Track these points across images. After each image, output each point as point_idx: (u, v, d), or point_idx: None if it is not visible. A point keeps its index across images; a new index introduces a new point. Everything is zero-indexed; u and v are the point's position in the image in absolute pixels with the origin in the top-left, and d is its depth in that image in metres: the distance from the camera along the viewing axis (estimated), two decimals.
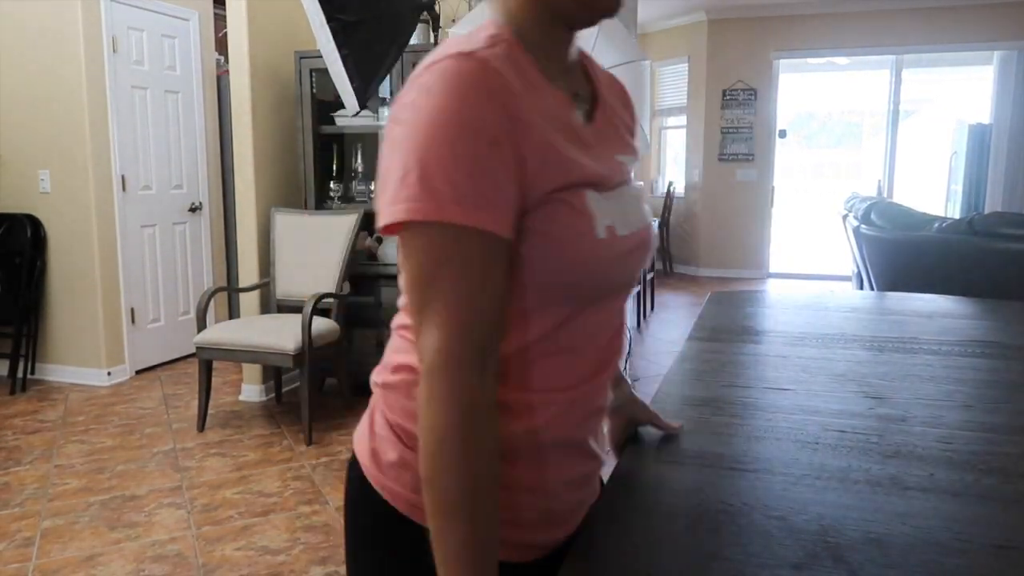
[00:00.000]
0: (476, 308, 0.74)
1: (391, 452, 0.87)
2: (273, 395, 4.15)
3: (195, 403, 4.02)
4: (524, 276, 0.79)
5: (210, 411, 3.85)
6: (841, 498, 0.95)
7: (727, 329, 1.91)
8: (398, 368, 0.87)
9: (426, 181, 0.71)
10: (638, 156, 0.96)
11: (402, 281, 0.79)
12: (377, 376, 0.92)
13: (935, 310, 2.13)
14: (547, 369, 0.84)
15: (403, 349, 0.86)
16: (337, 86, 2.91)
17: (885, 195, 7.83)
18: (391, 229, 0.74)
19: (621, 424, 1.14)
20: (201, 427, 3.67)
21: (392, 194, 0.73)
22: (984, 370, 1.53)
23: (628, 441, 1.14)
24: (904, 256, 4.18)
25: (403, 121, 0.75)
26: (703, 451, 1.12)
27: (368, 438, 0.91)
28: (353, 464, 0.92)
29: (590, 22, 0.85)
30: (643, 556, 0.83)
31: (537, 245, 0.78)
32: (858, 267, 5.02)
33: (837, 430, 1.19)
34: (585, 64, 0.94)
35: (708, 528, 0.89)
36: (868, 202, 4.77)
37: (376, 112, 3.97)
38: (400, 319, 0.88)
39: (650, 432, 1.17)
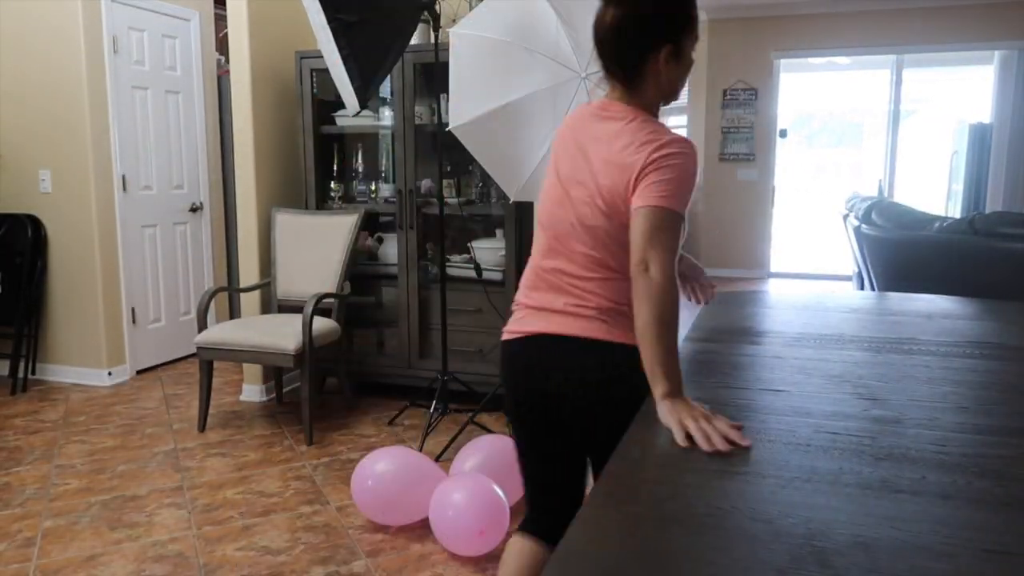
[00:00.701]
0: (675, 250, 1.39)
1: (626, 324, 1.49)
2: (274, 395, 4.15)
3: (196, 403, 4.02)
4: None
5: (211, 411, 3.85)
6: (830, 501, 0.94)
7: (725, 329, 1.90)
8: (614, 276, 1.52)
9: (684, 192, 1.41)
10: None
11: (591, 238, 1.50)
12: (594, 283, 1.53)
13: (934, 310, 2.12)
14: None
15: (615, 269, 1.51)
16: (338, 86, 2.91)
17: (886, 195, 7.83)
18: (658, 208, 1.39)
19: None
20: (202, 427, 3.67)
21: (667, 191, 1.39)
22: (981, 371, 1.52)
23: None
24: (905, 256, 4.18)
25: (674, 162, 1.41)
26: (692, 454, 1.11)
27: (605, 326, 1.52)
28: (605, 348, 1.51)
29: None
30: (626, 561, 0.82)
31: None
32: (859, 267, 5.02)
33: (830, 432, 1.18)
34: None
35: (694, 532, 0.87)
36: (869, 202, 4.76)
37: (376, 112, 3.97)
38: (607, 258, 1.51)
39: (643, 436, 1.15)
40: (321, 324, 3.60)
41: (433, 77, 3.68)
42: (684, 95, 8.52)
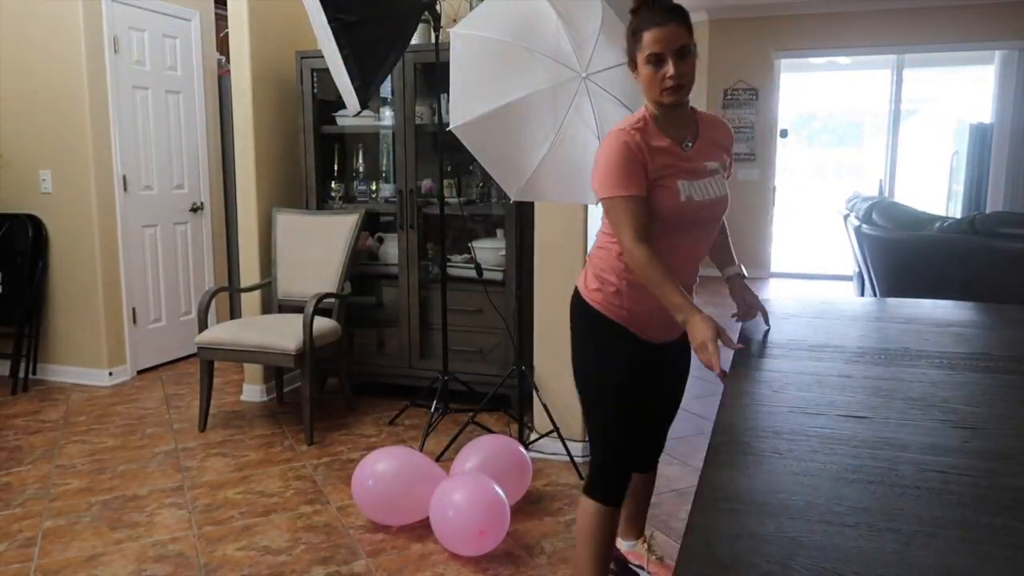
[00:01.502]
0: (636, 225, 1.75)
1: (595, 285, 1.94)
2: (274, 395, 4.15)
3: (196, 403, 4.01)
4: (652, 213, 1.79)
5: (211, 411, 3.85)
6: (967, 562, 0.79)
7: (775, 343, 1.76)
8: (599, 247, 1.94)
9: (606, 179, 1.78)
10: (722, 162, 1.92)
11: (605, 220, 1.86)
12: (592, 251, 1.98)
13: (988, 321, 1.99)
14: (670, 257, 1.81)
15: (601, 243, 1.93)
16: (338, 86, 2.91)
17: (886, 195, 7.82)
18: (602, 199, 1.79)
19: (737, 293, 2.00)
20: (202, 427, 3.67)
21: (596, 184, 1.80)
22: None
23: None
24: (905, 256, 4.17)
25: (599, 153, 1.81)
26: (788, 498, 0.96)
27: (585, 280, 1.97)
28: (576, 294, 1.99)
29: (670, 107, 1.81)
30: None
31: (654, 200, 1.78)
32: (859, 267, 5.01)
33: (936, 470, 1.04)
34: (695, 117, 1.90)
35: None
36: (869, 202, 4.76)
37: (377, 112, 3.97)
38: (601, 234, 1.94)
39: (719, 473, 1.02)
40: (322, 324, 3.60)
41: (434, 77, 3.68)
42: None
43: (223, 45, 4.85)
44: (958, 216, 5.41)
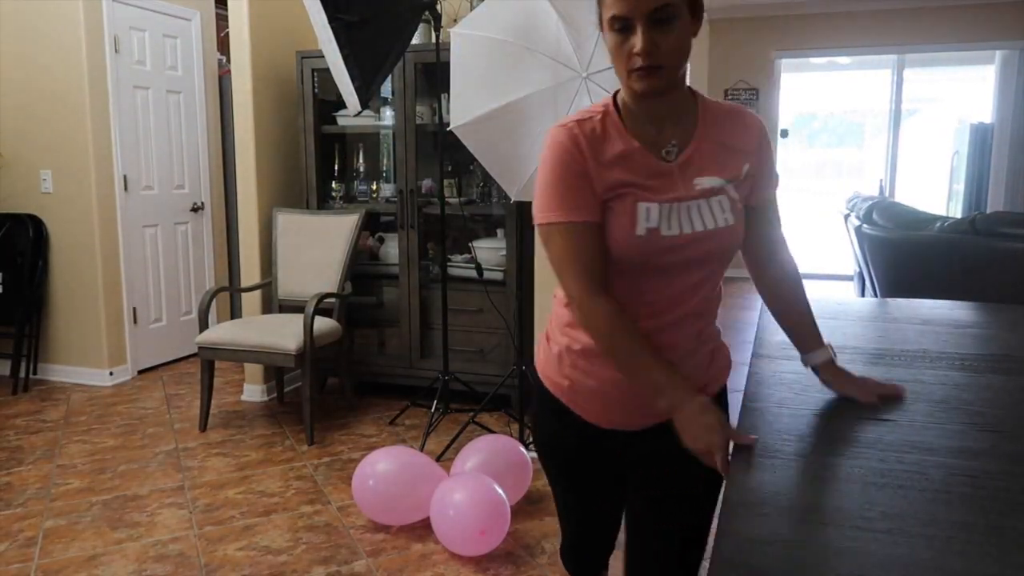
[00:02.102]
0: (585, 266, 1.24)
1: (542, 343, 1.44)
2: (275, 395, 4.15)
3: (197, 403, 4.02)
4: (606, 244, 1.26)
5: (212, 411, 3.85)
6: (1005, 570, 0.78)
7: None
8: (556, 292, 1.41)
9: (538, 196, 1.28)
10: (733, 175, 1.30)
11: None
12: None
13: (1000, 322, 1.96)
14: (631, 310, 1.27)
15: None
16: (339, 86, 2.91)
17: (887, 195, 7.82)
18: (536, 226, 1.29)
19: (839, 383, 1.37)
20: (203, 427, 3.67)
21: (534, 203, 1.29)
22: None
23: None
24: (906, 256, 4.17)
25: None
26: (818, 503, 0.95)
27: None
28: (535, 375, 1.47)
29: (645, 99, 1.25)
30: None
31: (607, 226, 1.25)
32: (860, 267, 5.01)
33: (966, 475, 1.02)
34: (699, 111, 1.31)
35: None
36: (870, 202, 4.76)
37: (377, 112, 3.97)
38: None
39: (746, 482, 1.00)
40: (322, 324, 3.60)
41: (434, 77, 3.68)
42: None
43: (223, 45, 4.85)
44: (958, 216, 5.41)
